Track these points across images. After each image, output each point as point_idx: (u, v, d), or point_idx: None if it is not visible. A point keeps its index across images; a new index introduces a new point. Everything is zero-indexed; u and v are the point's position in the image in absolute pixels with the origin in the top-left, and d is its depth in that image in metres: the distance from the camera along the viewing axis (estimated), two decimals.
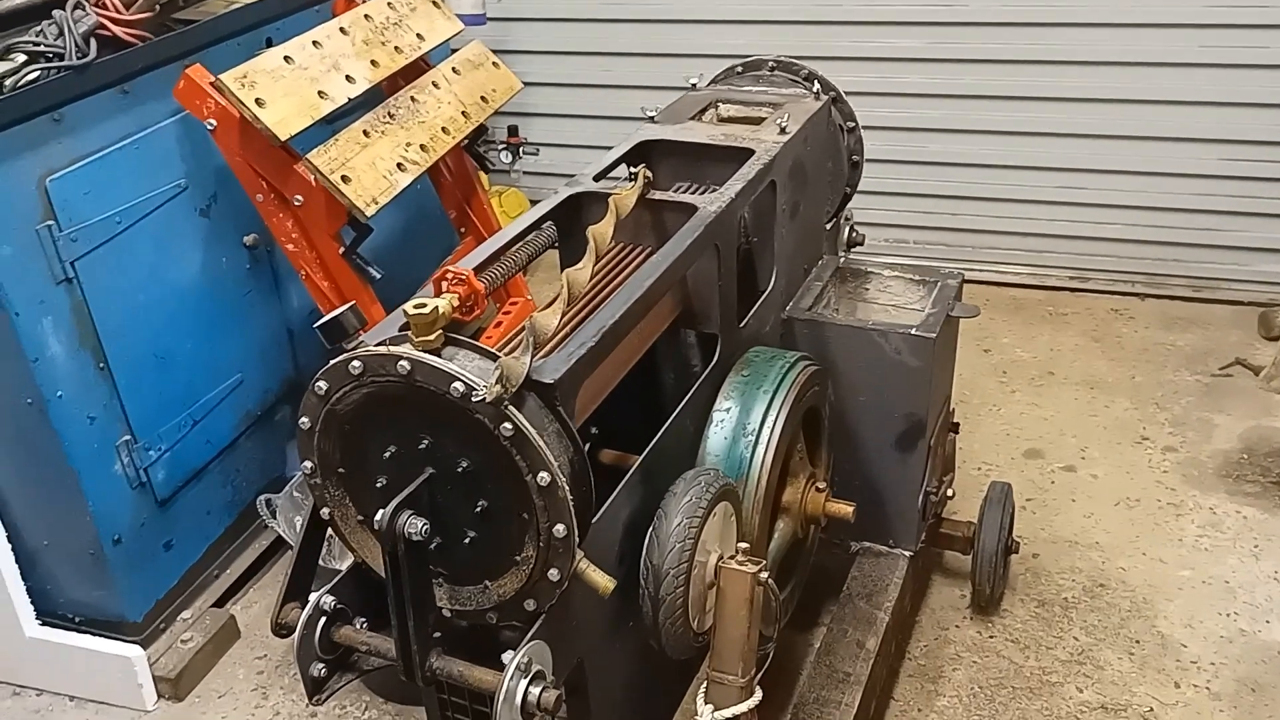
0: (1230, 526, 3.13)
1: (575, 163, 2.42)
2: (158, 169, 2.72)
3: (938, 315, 2.53)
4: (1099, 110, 4.07)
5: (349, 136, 2.77)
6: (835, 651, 2.41)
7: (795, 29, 4.27)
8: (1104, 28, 3.95)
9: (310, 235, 2.77)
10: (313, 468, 1.72)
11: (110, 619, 2.78)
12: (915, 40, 4.17)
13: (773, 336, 2.49)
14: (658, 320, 2.15)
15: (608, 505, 1.78)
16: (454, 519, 1.64)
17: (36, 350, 2.45)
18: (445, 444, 1.61)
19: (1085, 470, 3.39)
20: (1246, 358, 3.63)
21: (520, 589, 1.66)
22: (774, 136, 2.41)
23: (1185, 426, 3.54)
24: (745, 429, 2.12)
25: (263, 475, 3.16)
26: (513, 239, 2.06)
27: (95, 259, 2.55)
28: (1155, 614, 2.86)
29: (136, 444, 2.71)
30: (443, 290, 1.73)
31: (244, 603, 3.08)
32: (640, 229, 2.23)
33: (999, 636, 2.83)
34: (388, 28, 3.11)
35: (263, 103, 2.57)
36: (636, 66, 4.51)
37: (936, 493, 2.70)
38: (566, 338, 1.80)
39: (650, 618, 1.84)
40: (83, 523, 2.63)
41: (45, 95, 2.44)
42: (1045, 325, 4.16)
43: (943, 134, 4.28)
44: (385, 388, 1.60)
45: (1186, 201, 4.11)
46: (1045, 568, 3.03)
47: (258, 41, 3.01)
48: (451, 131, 3.07)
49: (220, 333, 2.94)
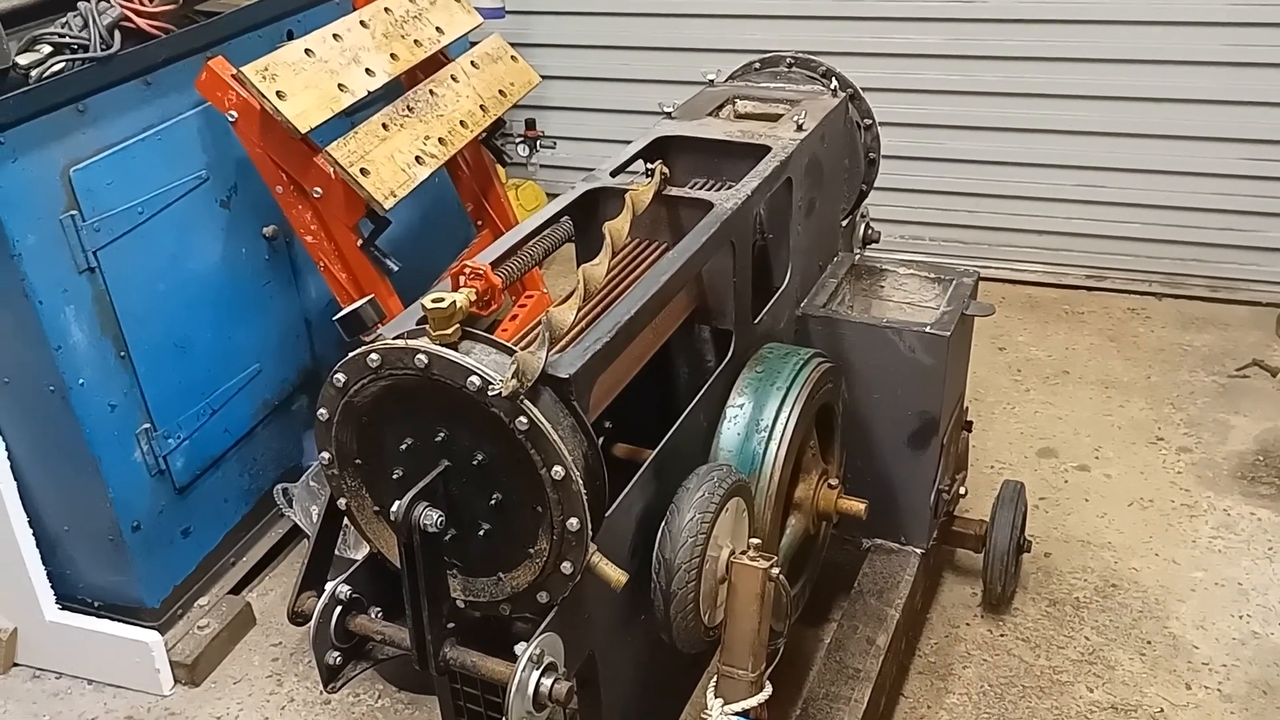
0: (1244, 528, 3.13)
1: (592, 156, 2.43)
2: (179, 160, 2.75)
3: (952, 313, 2.53)
4: (1117, 108, 4.05)
5: (368, 129, 2.78)
6: (846, 647, 2.42)
7: (814, 24, 4.26)
8: (1124, 25, 3.93)
9: (329, 227, 2.79)
10: (330, 459, 1.74)
11: (128, 604, 2.82)
12: (934, 36, 4.16)
13: (787, 333, 2.50)
14: (673, 316, 2.16)
15: (621, 499, 1.80)
16: (469, 511, 1.66)
17: (59, 338, 2.48)
18: (461, 437, 1.62)
19: (1099, 470, 3.39)
20: (1264, 359, 3.62)
21: (533, 581, 1.67)
22: (791, 133, 2.41)
23: (1201, 427, 3.53)
24: (759, 425, 2.13)
25: (279, 464, 3.19)
26: (529, 234, 2.07)
27: (117, 249, 2.58)
28: (1167, 615, 2.86)
29: (156, 432, 2.74)
30: (460, 285, 1.74)
31: (260, 590, 3.12)
32: (656, 225, 2.24)
33: (1010, 635, 2.84)
34: (407, 21, 3.12)
35: (283, 95, 2.59)
36: (654, 61, 4.51)
37: (949, 491, 2.70)
38: (582, 333, 1.81)
39: (662, 611, 1.85)
40: (102, 509, 2.66)
41: (70, 86, 2.47)
42: (1061, 324, 4.15)
43: (960, 131, 4.27)
44: (403, 381, 1.61)
45: (1205, 201, 4.09)
46: (1057, 567, 3.03)
47: (279, 34, 3.03)
48: (470, 125, 3.08)
49: (239, 323, 2.97)
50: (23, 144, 2.37)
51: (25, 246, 2.39)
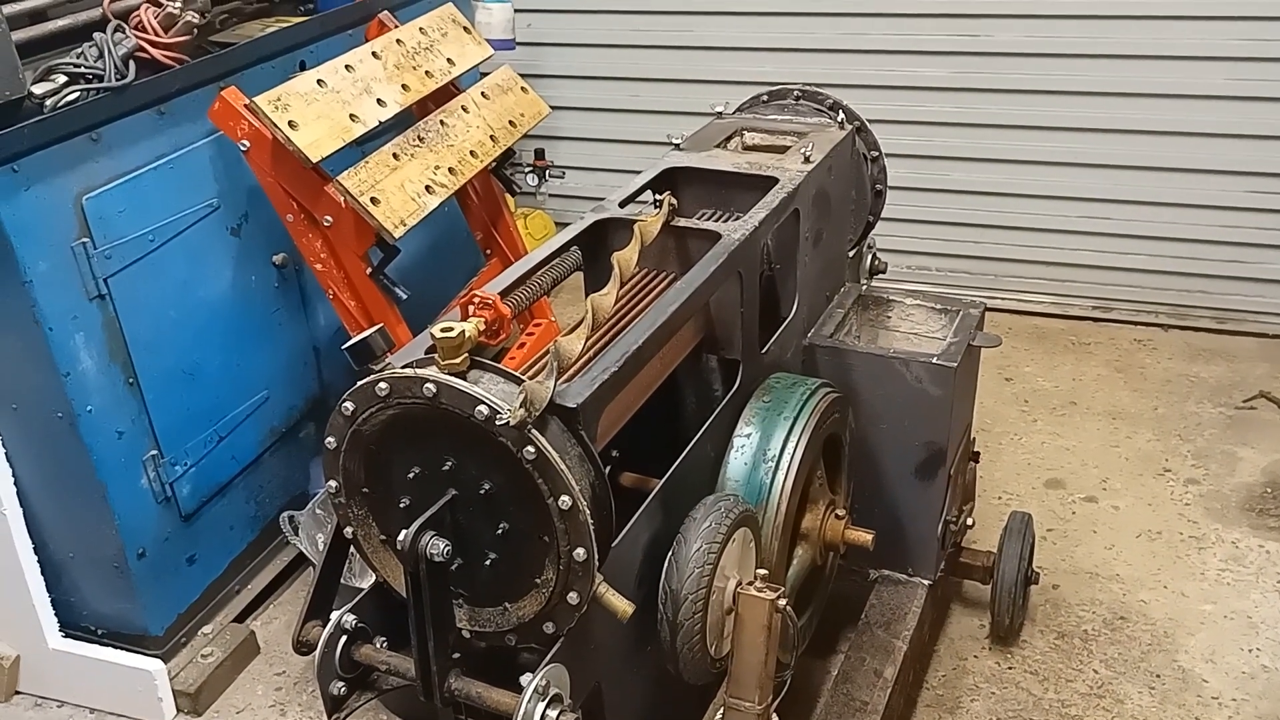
0: (1253, 561, 3.11)
1: (601, 186, 2.45)
2: (191, 188, 2.77)
3: (959, 344, 2.54)
4: (1123, 141, 4.07)
5: (379, 159, 2.80)
6: (853, 679, 2.41)
7: (821, 56, 4.29)
8: (1130, 60, 3.96)
9: (339, 255, 2.80)
10: (338, 487, 1.74)
11: (132, 632, 2.81)
12: (940, 69, 4.19)
13: (794, 363, 2.50)
14: (680, 346, 2.16)
15: (628, 529, 1.79)
16: (475, 540, 1.66)
17: (68, 365, 2.49)
18: (468, 466, 1.62)
19: (1107, 501, 3.37)
20: (1271, 390, 3.61)
21: (539, 611, 1.67)
22: (798, 165, 2.43)
23: (1208, 459, 3.51)
24: (765, 455, 2.13)
25: (286, 492, 3.19)
26: (538, 264, 2.08)
27: (128, 276, 2.60)
28: (1176, 648, 2.84)
29: (163, 459, 2.74)
30: (469, 314, 1.75)
31: (264, 618, 3.11)
32: (664, 255, 2.25)
33: (1018, 668, 2.81)
34: (419, 52, 3.16)
35: (295, 125, 2.62)
36: (663, 92, 4.55)
37: (956, 522, 2.69)
38: (590, 362, 1.82)
39: (668, 643, 1.84)
40: (108, 536, 2.66)
41: (84, 116, 2.49)
42: (1068, 355, 4.15)
43: (966, 163, 4.29)
44: (411, 409, 1.62)
45: (1211, 233, 4.10)
46: (1065, 599, 3.01)
47: (291, 65, 3.06)
48: (479, 155, 3.11)
49: (248, 350, 2.98)
50: (36, 172, 2.39)
51: (36, 273, 2.41)
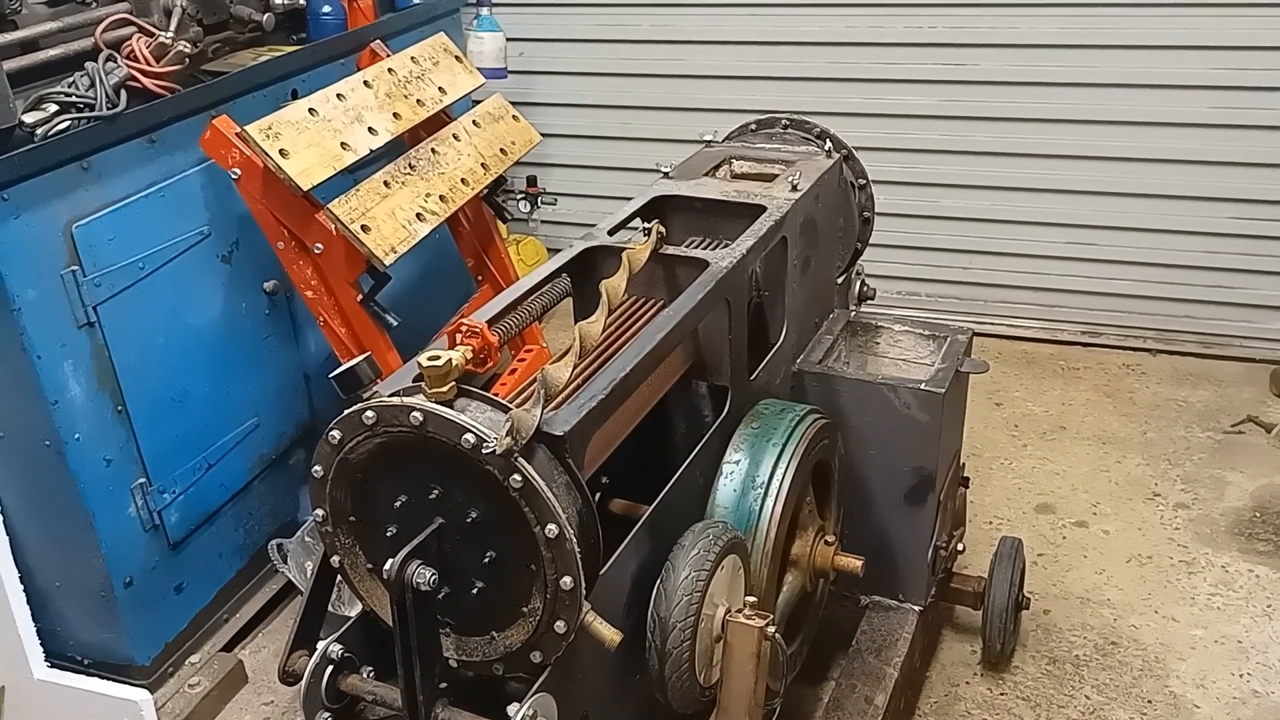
0: (1243, 585, 3.11)
1: (592, 212, 2.46)
2: (182, 216, 2.78)
3: (947, 370, 2.55)
4: (1110, 168, 4.10)
5: (370, 187, 2.82)
6: (844, 707, 2.40)
7: (810, 85, 4.33)
8: (1114, 88, 4.00)
9: (329, 282, 2.81)
10: (324, 515, 1.74)
11: (119, 662, 2.79)
12: (928, 98, 4.23)
13: (783, 389, 2.51)
14: (669, 373, 2.17)
15: (615, 557, 1.79)
16: (462, 569, 1.66)
17: (56, 393, 2.49)
18: (455, 494, 1.62)
19: (1097, 526, 3.38)
20: (1258, 415, 3.62)
21: (527, 640, 1.66)
22: (786, 193, 2.45)
23: (1197, 484, 3.53)
24: (754, 481, 2.13)
25: (275, 519, 3.18)
26: (527, 291, 2.09)
27: (117, 304, 2.60)
28: (1167, 673, 2.83)
29: (151, 486, 2.73)
30: (457, 343, 1.76)
31: (252, 647, 3.08)
32: (653, 283, 2.26)
33: (1010, 694, 2.81)
34: (410, 81, 3.18)
35: (286, 153, 2.63)
36: (653, 120, 4.58)
37: (946, 547, 2.70)
38: (578, 390, 1.82)
39: (656, 671, 1.84)
40: (95, 565, 2.64)
41: (74, 144, 2.50)
42: (1057, 380, 4.17)
43: (955, 189, 4.32)
44: (398, 438, 1.62)
45: (1197, 259, 4.13)
46: (1056, 624, 3.00)
47: (283, 93, 3.08)
48: (471, 183, 3.13)
49: (237, 377, 2.98)
50: (25, 201, 2.39)
51: (25, 301, 2.41)
